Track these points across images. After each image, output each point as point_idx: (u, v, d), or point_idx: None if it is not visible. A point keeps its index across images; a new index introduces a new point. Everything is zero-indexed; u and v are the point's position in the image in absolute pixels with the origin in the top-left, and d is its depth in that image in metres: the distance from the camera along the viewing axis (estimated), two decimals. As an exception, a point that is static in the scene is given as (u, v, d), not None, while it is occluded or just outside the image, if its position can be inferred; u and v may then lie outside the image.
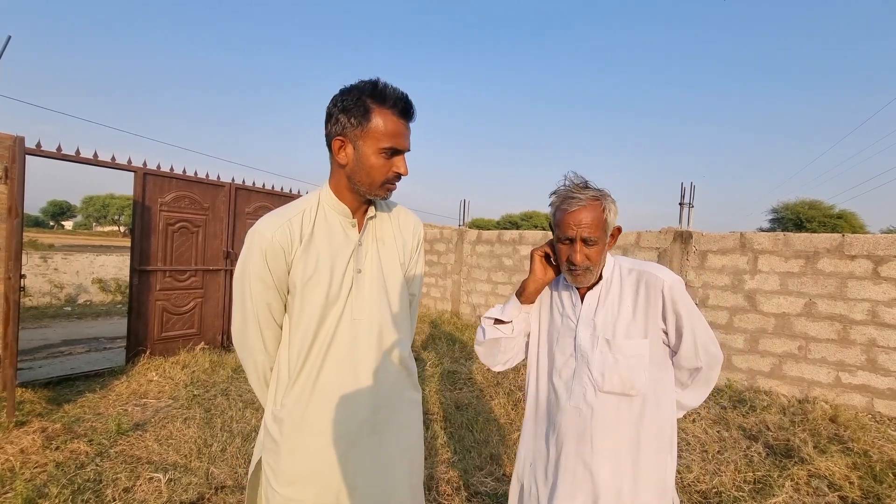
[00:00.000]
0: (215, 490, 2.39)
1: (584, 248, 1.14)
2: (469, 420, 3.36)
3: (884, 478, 2.64)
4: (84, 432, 2.97)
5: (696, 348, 1.17)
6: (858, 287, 3.97)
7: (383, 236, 1.23)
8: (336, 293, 1.12)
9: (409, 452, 1.27)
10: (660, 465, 1.17)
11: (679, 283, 1.17)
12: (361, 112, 1.06)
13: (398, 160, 1.12)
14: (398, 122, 1.08)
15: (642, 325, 1.17)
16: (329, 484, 1.12)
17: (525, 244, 6.26)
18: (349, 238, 1.16)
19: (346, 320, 1.13)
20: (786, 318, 4.27)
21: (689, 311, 1.15)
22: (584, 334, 1.20)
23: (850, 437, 3.17)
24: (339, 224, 1.16)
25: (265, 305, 1.13)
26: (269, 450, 1.15)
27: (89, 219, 66.63)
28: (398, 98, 1.08)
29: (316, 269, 1.11)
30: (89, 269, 9.49)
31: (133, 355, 4.44)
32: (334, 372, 1.13)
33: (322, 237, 1.13)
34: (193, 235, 4.88)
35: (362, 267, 1.17)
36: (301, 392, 1.12)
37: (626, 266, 1.23)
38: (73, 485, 2.35)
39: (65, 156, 3.92)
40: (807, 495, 2.54)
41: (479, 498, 2.44)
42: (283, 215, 1.12)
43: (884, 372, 3.85)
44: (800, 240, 4.24)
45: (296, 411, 1.11)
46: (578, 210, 1.13)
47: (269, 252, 1.08)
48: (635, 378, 1.15)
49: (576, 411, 1.18)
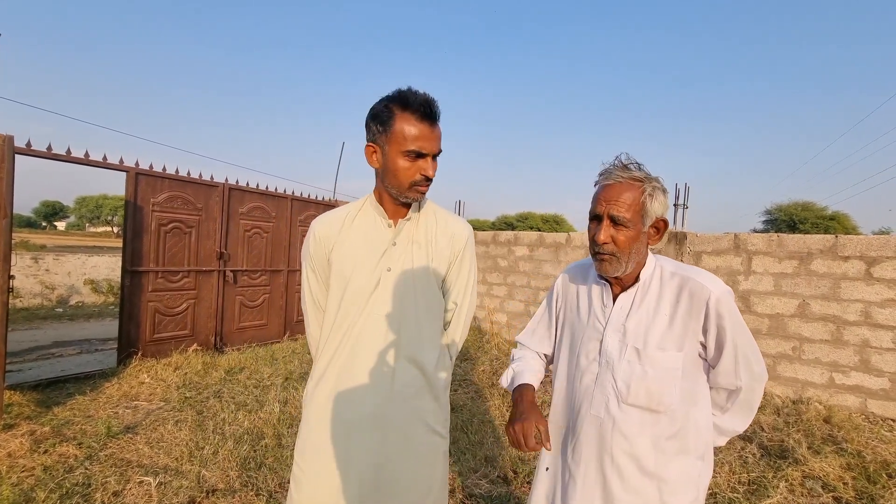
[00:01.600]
0: (207, 494, 2.35)
1: (610, 227, 1.04)
2: (464, 422, 3.35)
3: (877, 478, 2.64)
4: (73, 435, 2.92)
5: (737, 365, 1.05)
6: (851, 288, 3.99)
7: (419, 239, 1.26)
8: (361, 287, 1.20)
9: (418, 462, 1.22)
10: (685, 487, 1.06)
11: (727, 295, 1.04)
12: (386, 118, 1.14)
13: (423, 163, 1.16)
14: (420, 126, 1.13)
15: (679, 336, 1.05)
16: (329, 465, 1.18)
17: (520, 245, 6.26)
18: (384, 237, 1.24)
19: (367, 314, 1.20)
20: (780, 318, 4.28)
21: (734, 326, 1.03)
22: (612, 340, 1.10)
23: (843, 437, 3.18)
24: (376, 222, 1.25)
25: (312, 288, 1.30)
26: (304, 417, 1.27)
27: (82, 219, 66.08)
28: (420, 102, 1.12)
29: (346, 261, 1.22)
30: (81, 269, 9.40)
31: (124, 357, 4.38)
32: (346, 360, 1.20)
33: (359, 233, 1.24)
34: (186, 236, 4.84)
35: (392, 266, 1.22)
36: (315, 372, 1.24)
37: (669, 269, 1.10)
38: (61, 489, 2.32)
39: (55, 155, 3.87)
40: (801, 496, 2.54)
41: (473, 500, 2.42)
42: (333, 213, 1.29)
43: (877, 373, 3.87)
44: (793, 241, 4.25)
45: (325, 388, 1.21)
46: (612, 185, 1.05)
47: (313, 242, 1.26)
48: (664, 393, 1.04)
49: (595, 420, 1.09)
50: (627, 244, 1.05)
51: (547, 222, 33.89)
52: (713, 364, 1.07)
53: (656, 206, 1.05)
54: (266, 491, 2.38)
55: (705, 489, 1.10)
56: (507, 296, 6.39)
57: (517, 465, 2.73)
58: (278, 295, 5.86)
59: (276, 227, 5.77)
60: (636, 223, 1.04)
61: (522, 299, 6.22)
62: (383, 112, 1.14)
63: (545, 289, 5.96)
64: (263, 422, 3.21)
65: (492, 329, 6.16)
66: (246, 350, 5.25)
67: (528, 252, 6.16)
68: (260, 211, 5.58)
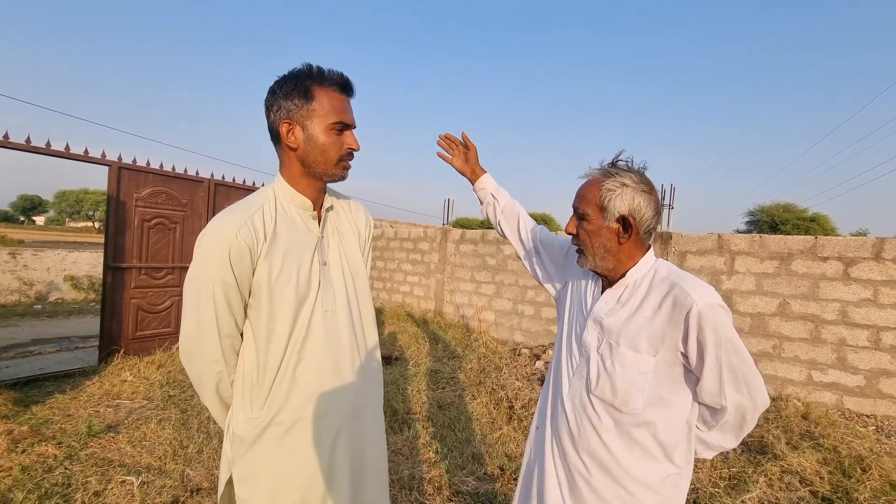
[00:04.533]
0: (191, 493, 2.33)
1: (574, 220, 1.14)
2: (451, 419, 3.35)
3: (852, 472, 2.72)
4: (53, 435, 2.86)
5: (722, 385, 0.99)
6: (830, 288, 4.09)
7: (342, 227, 1.25)
8: (306, 288, 1.11)
9: (381, 430, 1.29)
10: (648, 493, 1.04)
11: (714, 310, 0.97)
12: (303, 93, 1.07)
13: (348, 135, 1.13)
14: (341, 98, 1.10)
15: (656, 341, 1.03)
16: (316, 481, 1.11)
17: (509, 243, 6.28)
18: (311, 231, 1.16)
19: (318, 313, 1.12)
20: (761, 317, 4.38)
21: (721, 343, 0.96)
22: (591, 331, 1.14)
23: (820, 433, 3.27)
24: (299, 218, 1.15)
25: (226, 310, 1.05)
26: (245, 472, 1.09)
27: (62, 214, 64.52)
28: (338, 74, 1.10)
29: (283, 266, 1.08)
30: (61, 265, 9.17)
31: (106, 355, 4.30)
32: (312, 366, 1.10)
33: (284, 233, 1.10)
34: (171, 232, 4.77)
35: (327, 259, 1.17)
36: (277, 393, 1.08)
37: (663, 273, 1.08)
38: (39, 489, 2.27)
39: (34, 148, 3.78)
40: (779, 490, 2.60)
41: (460, 497, 2.43)
42: (244, 212, 1.06)
43: (853, 370, 3.98)
44: (775, 241, 4.35)
45: (279, 419, 1.07)
46: (584, 183, 1.13)
47: (233, 252, 1.01)
48: (630, 394, 1.03)
49: (569, 402, 1.15)
50: (587, 237, 1.11)
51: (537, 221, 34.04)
52: (697, 378, 1.03)
53: (618, 202, 1.04)
54: (251, 490, 2.37)
55: (677, 499, 1.07)
56: (495, 294, 6.42)
57: (504, 463, 2.75)
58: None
59: (262, 223, 5.71)
60: (595, 217, 1.08)
61: (510, 298, 6.25)
62: (299, 87, 1.07)
63: (534, 287, 6.00)
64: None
65: (479, 327, 6.18)
66: (231, 348, 5.19)
67: (517, 251, 6.19)
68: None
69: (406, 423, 3.28)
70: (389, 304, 7.97)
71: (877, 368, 3.89)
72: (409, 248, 7.75)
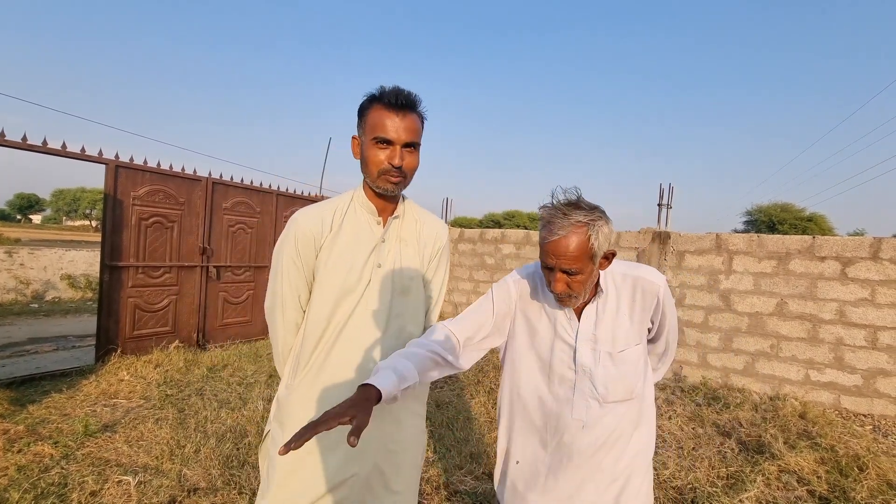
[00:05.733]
0: (188, 493, 2.32)
1: (564, 277, 1.07)
2: (449, 419, 3.35)
3: (849, 472, 2.73)
4: (49, 434, 2.85)
5: (670, 334, 1.26)
6: (827, 287, 4.10)
7: (407, 237, 1.32)
8: (354, 283, 1.21)
9: (410, 454, 1.31)
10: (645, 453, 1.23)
11: (665, 282, 1.20)
12: (362, 110, 1.21)
13: (391, 150, 1.18)
14: (387, 114, 1.16)
15: (638, 330, 1.19)
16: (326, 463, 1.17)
17: (507, 243, 6.28)
18: (373, 233, 1.26)
19: (360, 310, 1.22)
20: (759, 317, 4.38)
21: (670, 305, 1.21)
22: (585, 350, 1.15)
23: (818, 432, 3.27)
24: (365, 220, 1.27)
25: (292, 287, 1.23)
26: (277, 422, 1.26)
27: (59, 213, 64.29)
28: (391, 92, 1.17)
29: (338, 256, 1.21)
30: (58, 264, 9.14)
31: (103, 354, 4.28)
32: (344, 357, 1.20)
33: (349, 230, 1.24)
34: (168, 231, 4.75)
35: (382, 262, 1.25)
36: (308, 372, 1.21)
37: (619, 272, 1.19)
38: (35, 489, 2.25)
39: (31, 146, 3.76)
40: (777, 490, 2.61)
41: (458, 496, 2.43)
42: (319, 208, 1.25)
43: (850, 370, 3.99)
44: (772, 241, 4.35)
45: (301, 390, 1.21)
46: (559, 239, 1.03)
47: (300, 238, 1.21)
48: (636, 383, 1.18)
49: (578, 423, 1.15)
50: (581, 285, 1.08)
51: (534, 220, 34.07)
52: (656, 338, 1.26)
53: (602, 241, 1.05)
54: (249, 489, 2.36)
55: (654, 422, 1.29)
56: (493, 293, 6.41)
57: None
58: (263, 291, 5.77)
59: (260, 222, 5.69)
60: (586, 267, 1.06)
61: (508, 297, 6.24)
62: (361, 106, 1.21)
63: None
64: (247, 419, 3.17)
65: (478, 326, 6.18)
66: (229, 347, 5.18)
67: (515, 250, 6.19)
68: (244, 206, 5.49)
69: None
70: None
71: (874, 368, 3.90)
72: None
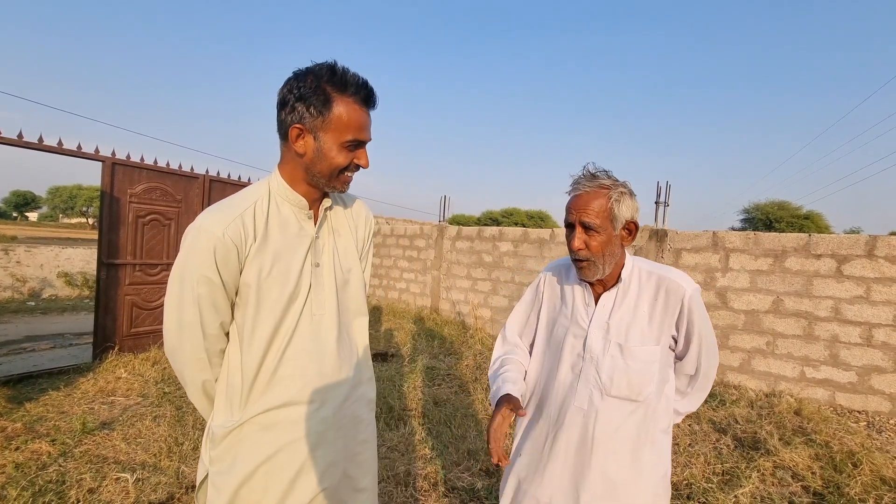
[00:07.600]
0: (186, 490, 2.32)
1: (582, 233, 1.11)
2: (447, 416, 3.36)
3: (843, 468, 2.75)
4: (47, 432, 2.85)
5: (700, 353, 1.17)
6: (823, 285, 4.12)
7: (339, 227, 1.19)
8: (294, 290, 1.06)
9: (370, 447, 1.24)
10: (655, 469, 1.16)
11: (698, 292, 1.15)
12: (321, 101, 0.98)
13: (361, 153, 1.06)
14: (361, 112, 1.02)
15: (657, 331, 1.15)
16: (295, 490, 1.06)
17: (505, 240, 6.29)
18: (305, 231, 1.10)
19: (306, 317, 1.07)
20: (755, 314, 4.41)
21: (702, 319, 1.14)
22: (596, 336, 1.16)
23: (813, 429, 3.30)
24: (293, 216, 1.09)
25: (211, 309, 1.01)
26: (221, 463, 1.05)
27: (55, 210, 63.98)
28: (360, 85, 1.01)
29: (273, 266, 1.03)
30: (55, 262, 9.10)
31: (100, 352, 4.28)
32: (296, 371, 1.06)
33: (276, 232, 1.05)
34: (165, 228, 4.74)
35: (320, 261, 1.12)
36: (257, 395, 1.04)
37: (646, 269, 1.19)
38: (33, 486, 2.26)
39: (27, 143, 3.74)
40: (772, 485, 2.63)
41: (456, 493, 2.44)
42: (233, 209, 1.02)
43: (845, 367, 4.01)
44: (769, 239, 4.37)
45: (254, 419, 1.04)
46: (581, 195, 1.11)
47: (219, 250, 0.97)
48: (644, 384, 1.13)
49: (579, 412, 1.16)
50: (600, 248, 1.11)
51: (532, 218, 34.08)
52: (681, 354, 1.19)
53: (624, 209, 1.11)
54: (247, 486, 2.37)
55: (670, 458, 1.21)
56: (491, 291, 6.43)
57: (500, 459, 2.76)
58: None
59: (258, 220, 5.68)
60: (606, 228, 1.10)
61: (506, 294, 6.26)
62: (317, 94, 0.98)
63: (529, 284, 6.01)
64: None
65: (476, 324, 6.19)
66: (227, 345, 5.18)
67: (513, 248, 6.20)
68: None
69: (402, 419, 3.28)
70: (385, 300, 7.97)
71: (869, 365, 3.93)
72: (405, 245, 7.74)
